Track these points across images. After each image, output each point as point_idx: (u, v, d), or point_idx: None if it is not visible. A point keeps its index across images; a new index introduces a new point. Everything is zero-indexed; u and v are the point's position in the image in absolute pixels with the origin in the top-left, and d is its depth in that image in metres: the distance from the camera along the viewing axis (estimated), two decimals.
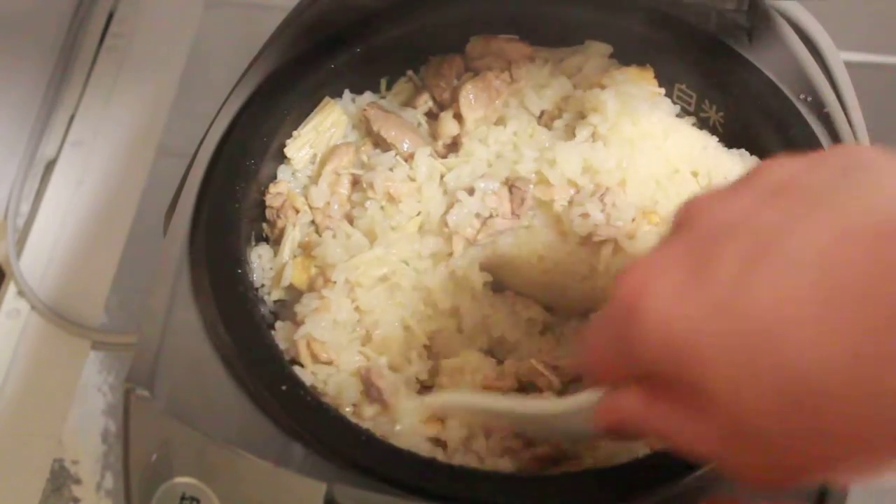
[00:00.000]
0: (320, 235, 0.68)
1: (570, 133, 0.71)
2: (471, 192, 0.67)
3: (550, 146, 0.69)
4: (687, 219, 0.42)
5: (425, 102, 0.75)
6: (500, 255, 0.68)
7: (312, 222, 0.69)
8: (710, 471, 0.54)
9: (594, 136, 0.69)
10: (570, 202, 0.67)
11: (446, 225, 0.67)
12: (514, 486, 0.55)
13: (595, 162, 0.67)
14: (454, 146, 0.72)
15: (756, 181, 0.42)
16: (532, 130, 0.72)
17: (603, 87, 0.71)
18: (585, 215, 0.66)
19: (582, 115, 0.71)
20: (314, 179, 0.71)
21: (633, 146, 0.68)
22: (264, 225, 0.70)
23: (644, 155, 0.68)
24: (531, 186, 0.68)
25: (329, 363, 0.62)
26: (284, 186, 0.70)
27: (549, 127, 0.73)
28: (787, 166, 0.42)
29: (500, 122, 0.73)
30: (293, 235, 0.68)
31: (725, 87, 0.71)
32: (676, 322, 0.38)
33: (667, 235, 0.44)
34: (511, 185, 0.68)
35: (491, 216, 0.67)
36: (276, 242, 0.69)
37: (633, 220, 0.66)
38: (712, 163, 0.69)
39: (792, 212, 0.38)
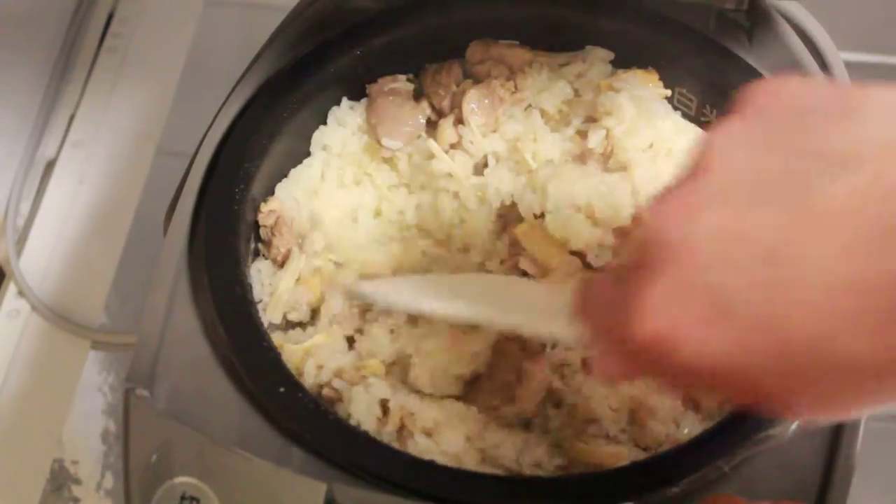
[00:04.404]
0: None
1: (580, 138, 0.71)
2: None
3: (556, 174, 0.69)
4: (662, 241, 0.39)
5: (423, 110, 0.74)
6: None
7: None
8: (709, 472, 0.54)
9: (608, 137, 0.69)
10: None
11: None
12: (512, 488, 0.55)
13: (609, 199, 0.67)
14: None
15: (710, 180, 0.39)
16: (535, 135, 0.72)
17: (615, 89, 0.71)
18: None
19: (592, 119, 0.71)
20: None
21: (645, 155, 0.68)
22: (260, 245, 0.69)
23: (659, 158, 0.68)
24: None
25: None
26: (277, 204, 0.69)
27: (555, 130, 0.73)
28: (737, 157, 0.39)
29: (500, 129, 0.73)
30: (298, 263, 0.67)
31: (726, 91, 0.71)
32: (712, 347, 0.38)
33: (646, 259, 0.40)
34: None
35: None
36: (274, 262, 0.69)
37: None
38: None
39: (785, 227, 0.36)
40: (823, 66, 0.71)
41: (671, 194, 0.40)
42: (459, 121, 0.72)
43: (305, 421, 0.57)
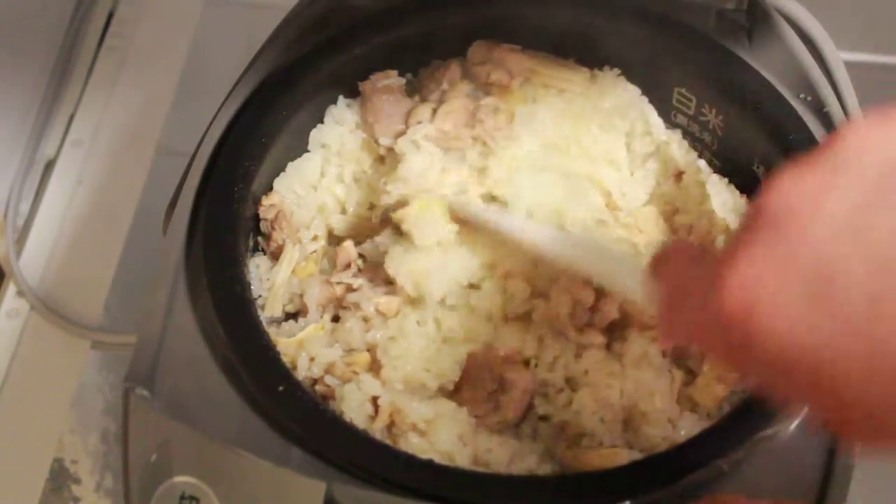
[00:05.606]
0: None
1: None
2: None
3: None
4: (779, 212, 0.37)
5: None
6: None
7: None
8: (709, 471, 0.54)
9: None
10: None
11: None
12: (512, 487, 0.55)
13: None
14: None
15: (840, 163, 0.37)
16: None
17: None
18: None
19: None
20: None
21: None
22: (259, 238, 0.70)
23: None
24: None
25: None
26: (277, 198, 0.69)
27: None
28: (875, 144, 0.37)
29: None
30: (292, 255, 0.68)
31: (725, 91, 0.71)
32: (803, 335, 0.35)
33: (754, 226, 0.38)
34: None
35: None
36: (273, 256, 0.69)
37: None
38: None
39: None
40: (823, 66, 0.71)
41: (803, 172, 0.37)
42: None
43: (305, 420, 0.56)
